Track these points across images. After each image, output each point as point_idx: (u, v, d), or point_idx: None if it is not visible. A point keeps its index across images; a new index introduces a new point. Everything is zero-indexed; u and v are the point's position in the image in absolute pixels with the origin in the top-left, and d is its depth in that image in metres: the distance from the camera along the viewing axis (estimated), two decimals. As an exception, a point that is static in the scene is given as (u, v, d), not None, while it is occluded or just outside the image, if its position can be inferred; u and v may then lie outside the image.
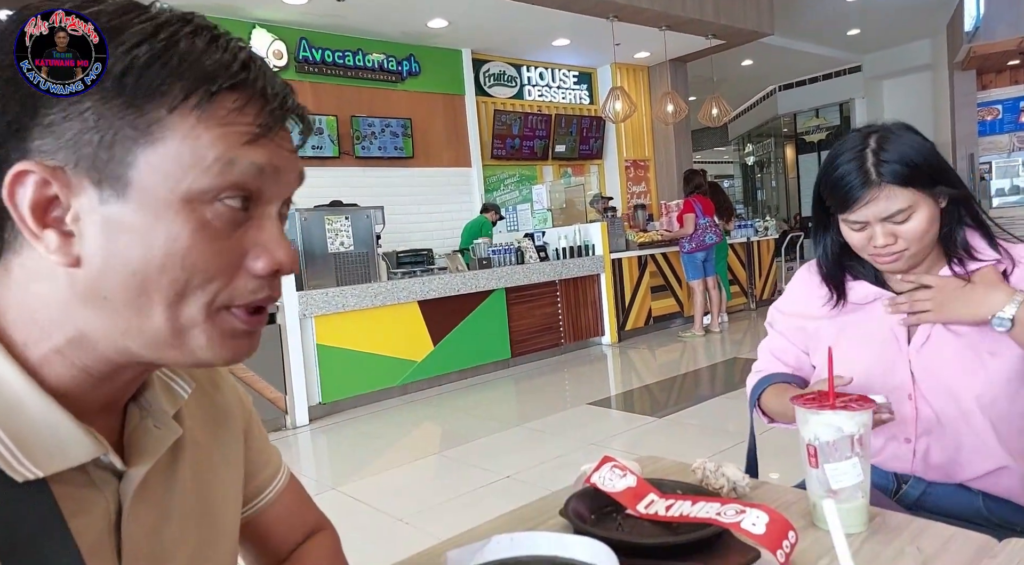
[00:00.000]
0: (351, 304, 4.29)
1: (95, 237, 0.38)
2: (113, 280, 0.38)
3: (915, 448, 1.04)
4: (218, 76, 0.38)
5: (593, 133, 7.75)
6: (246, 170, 0.39)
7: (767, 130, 13.84)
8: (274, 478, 0.66)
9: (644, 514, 0.76)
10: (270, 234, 0.41)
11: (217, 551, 0.52)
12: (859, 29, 9.24)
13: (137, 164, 0.37)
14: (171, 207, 0.38)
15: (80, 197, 0.38)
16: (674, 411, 3.78)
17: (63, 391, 0.40)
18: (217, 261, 0.39)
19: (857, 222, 0.99)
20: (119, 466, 0.43)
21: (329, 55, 5.82)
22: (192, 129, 0.38)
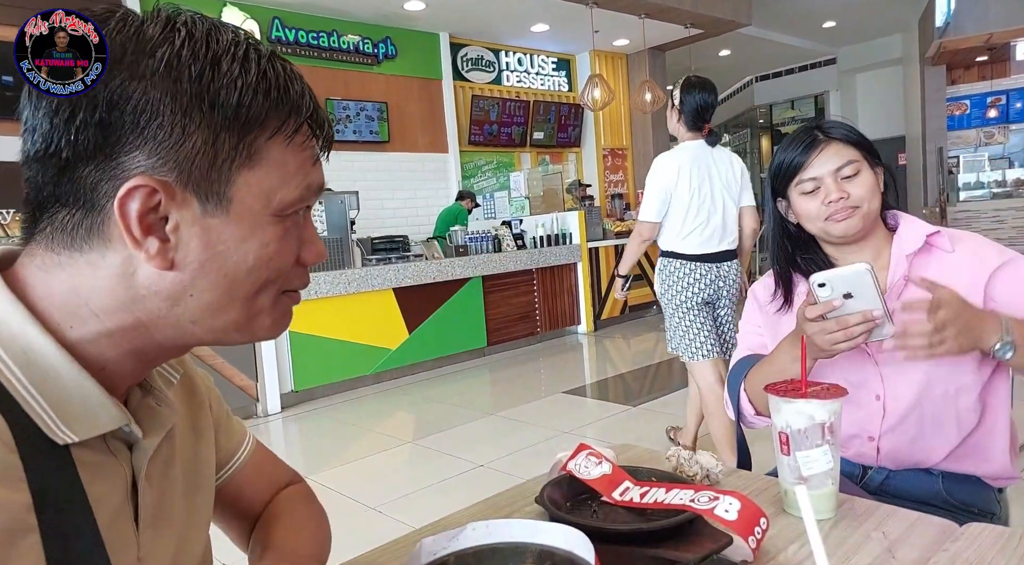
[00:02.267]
0: (324, 291, 4.24)
1: (194, 245, 0.43)
2: (203, 281, 0.44)
3: (879, 446, 1.07)
4: (301, 110, 0.45)
5: (571, 121, 7.74)
6: (315, 188, 0.48)
7: (743, 121, 13.97)
8: (241, 444, 0.70)
9: (619, 501, 0.77)
10: (311, 232, 0.50)
11: (202, 517, 0.59)
12: (834, 21, 9.35)
13: (236, 183, 0.44)
14: (264, 219, 0.45)
15: (183, 209, 0.43)
16: (648, 400, 3.82)
17: (100, 367, 0.45)
18: (289, 259, 0.47)
19: (810, 179, 1.05)
20: (139, 435, 0.47)
21: (303, 35, 5.69)
22: (282, 154, 0.45)
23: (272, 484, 0.72)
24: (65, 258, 0.43)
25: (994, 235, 1.23)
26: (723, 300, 2.49)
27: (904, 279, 1.03)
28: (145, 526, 0.48)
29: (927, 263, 1.03)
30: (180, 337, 0.46)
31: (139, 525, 0.47)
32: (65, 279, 0.43)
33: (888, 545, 0.71)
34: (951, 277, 0.99)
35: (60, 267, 0.44)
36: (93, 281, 0.43)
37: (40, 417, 0.41)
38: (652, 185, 2.42)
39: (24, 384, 0.41)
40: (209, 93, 0.41)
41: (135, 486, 0.47)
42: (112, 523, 0.44)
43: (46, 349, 0.42)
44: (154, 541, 0.49)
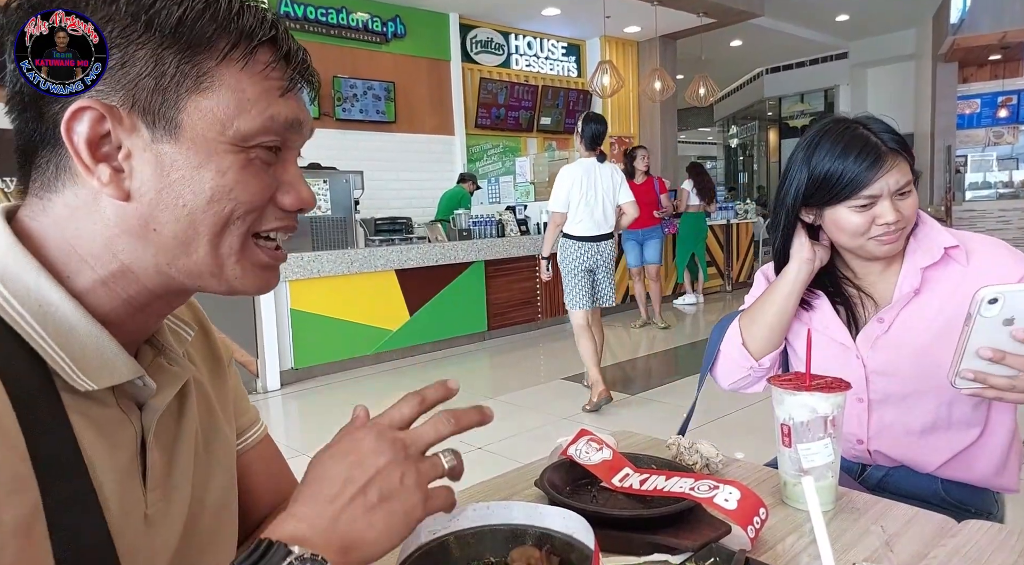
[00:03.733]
0: (327, 270, 4.23)
1: (147, 173, 0.43)
2: (164, 213, 0.43)
3: (869, 448, 1.06)
4: (256, 33, 0.44)
5: (580, 107, 7.68)
6: (281, 120, 0.45)
7: (752, 113, 13.87)
8: (254, 424, 0.67)
9: (619, 487, 0.77)
10: (294, 175, 0.48)
11: (221, 482, 0.57)
12: (848, 15, 9.24)
13: (187, 109, 0.42)
14: (220, 147, 0.43)
15: (133, 136, 0.42)
16: (647, 389, 3.83)
17: (101, 318, 0.44)
18: (257, 194, 0.45)
19: (869, 197, 0.95)
20: (153, 389, 0.47)
21: (312, 11, 5.64)
22: (237, 81, 0.43)
23: (275, 486, 0.68)
24: (47, 201, 0.44)
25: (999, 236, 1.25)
26: (600, 268, 3.49)
27: (914, 291, 0.99)
28: (154, 486, 0.48)
29: (942, 276, 0.99)
30: (166, 283, 0.46)
31: (147, 484, 0.47)
32: (50, 224, 0.44)
33: (886, 539, 0.71)
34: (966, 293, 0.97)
35: (44, 212, 0.44)
36: (74, 223, 0.43)
37: (60, 367, 0.42)
38: (558, 187, 3.40)
39: (43, 336, 0.41)
40: (147, 13, 0.41)
41: (143, 445, 0.47)
42: (120, 481, 0.44)
43: (60, 301, 0.42)
44: (163, 501, 0.49)
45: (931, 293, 0.99)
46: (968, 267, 0.98)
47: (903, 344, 1.00)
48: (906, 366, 1.00)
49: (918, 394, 1.00)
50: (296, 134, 0.47)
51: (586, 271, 3.44)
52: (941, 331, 0.96)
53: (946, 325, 0.96)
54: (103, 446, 0.44)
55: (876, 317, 1.02)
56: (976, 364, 0.80)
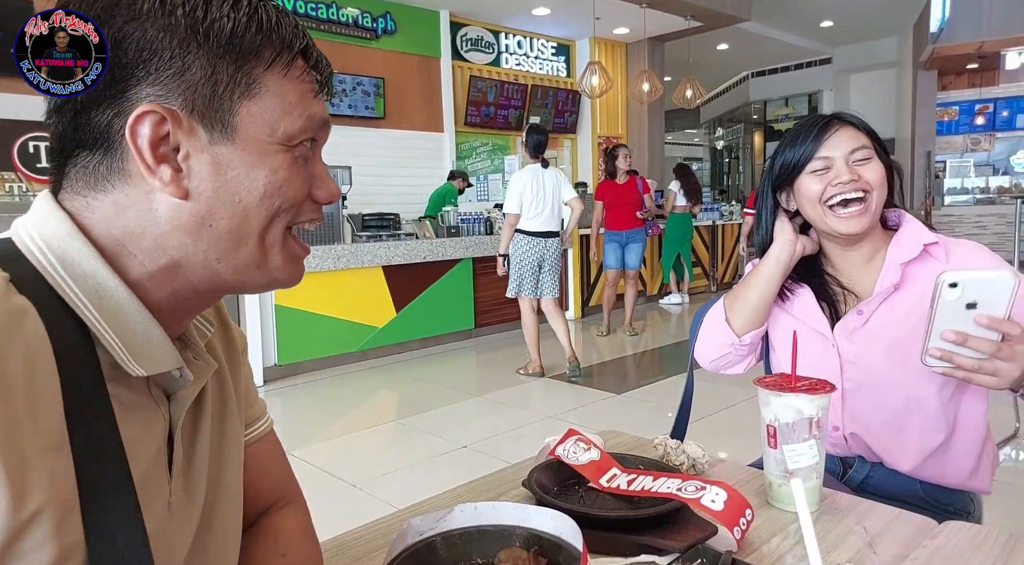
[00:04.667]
0: (313, 265, 4.20)
1: (204, 172, 0.45)
2: (220, 209, 0.46)
3: (845, 435, 1.08)
4: (294, 43, 0.48)
5: (568, 107, 7.70)
6: (317, 119, 0.50)
7: (738, 115, 13.99)
8: (261, 417, 0.68)
9: (606, 488, 0.77)
10: (322, 170, 0.52)
11: (235, 472, 0.59)
12: (832, 21, 9.35)
13: (240, 113, 0.46)
14: (271, 148, 0.47)
15: (191, 139, 0.45)
16: (633, 388, 3.85)
17: (150, 310, 0.46)
18: (300, 189, 0.49)
19: (822, 158, 1.02)
20: (190, 378, 0.50)
21: (302, 6, 5.59)
22: (280, 86, 0.47)
23: (275, 482, 0.68)
24: (91, 200, 0.46)
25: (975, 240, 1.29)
26: (546, 262, 4.00)
27: (893, 286, 1.02)
28: (176, 475, 0.50)
29: (921, 272, 1.02)
30: (211, 279, 0.48)
31: (171, 474, 0.49)
32: (97, 221, 0.46)
33: (869, 540, 0.72)
34: None
35: (88, 210, 0.46)
36: (123, 221, 0.45)
37: (116, 350, 0.44)
38: (512, 191, 3.91)
39: (99, 320, 0.43)
40: (204, 25, 0.44)
41: (170, 436, 0.49)
42: (149, 468, 0.46)
43: (115, 288, 0.44)
44: (184, 491, 0.51)
45: (910, 288, 1.02)
46: (948, 264, 1.01)
47: (878, 336, 1.03)
48: (879, 357, 1.03)
49: (889, 384, 1.02)
50: (325, 132, 0.52)
51: (535, 264, 3.95)
52: (915, 325, 0.99)
53: (920, 320, 0.99)
54: (137, 432, 0.45)
55: (855, 309, 1.05)
56: (944, 344, 0.84)
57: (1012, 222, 7.81)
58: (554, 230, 3.98)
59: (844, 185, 1.00)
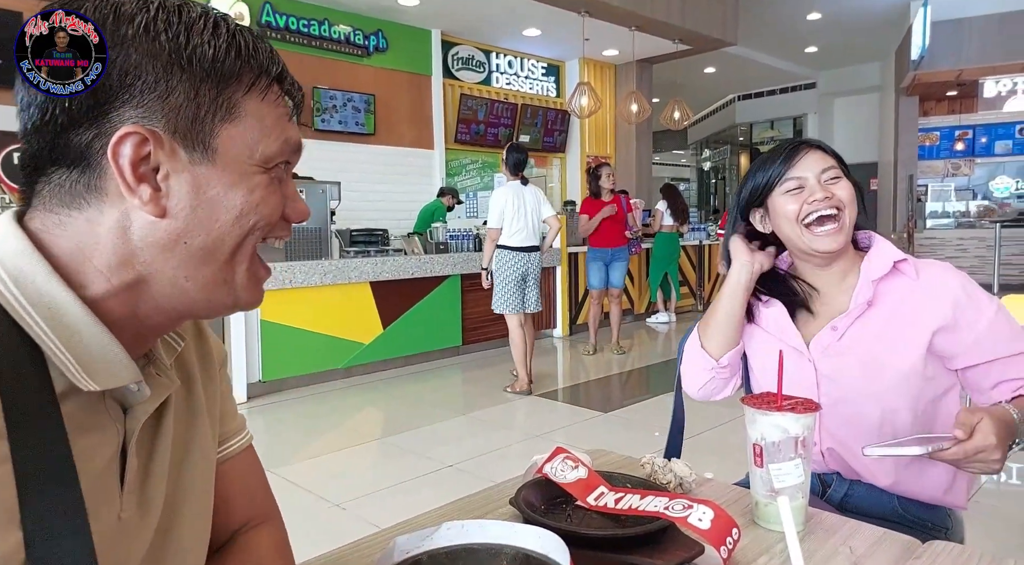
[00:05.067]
0: (299, 280, 4.18)
1: (184, 192, 0.47)
2: (196, 227, 0.47)
3: (822, 451, 1.10)
4: (271, 69, 0.50)
5: (558, 126, 7.78)
6: (292, 142, 0.52)
7: (724, 137, 14.20)
8: (239, 432, 0.67)
9: (594, 506, 0.77)
10: (293, 190, 0.54)
11: (196, 492, 0.58)
12: (816, 47, 9.57)
13: (220, 135, 0.47)
14: (249, 169, 0.49)
15: (172, 159, 0.46)
16: (620, 407, 3.85)
17: (110, 327, 0.47)
18: (276, 208, 0.51)
19: (794, 178, 1.06)
20: (147, 393, 0.50)
21: (294, 22, 5.62)
22: (258, 110, 0.49)
23: (252, 498, 0.68)
24: (64, 217, 0.46)
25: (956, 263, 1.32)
26: (529, 277, 4.10)
27: (867, 303, 1.05)
28: (129, 490, 0.49)
29: (892, 289, 1.05)
30: (177, 297, 0.49)
31: (123, 487, 0.49)
32: (68, 238, 0.46)
33: (855, 560, 0.72)
34: (913, 304, 1.03)
35: (61, 227, 0.46)
36: (94, 238, 0.46)
37: (66, 365, 0.44)
38: (494, 206, 4.02)
39: (49, 336, 0.44)
40: (186, 51, 0.45)
41: (124, 451, 0.49)
42: (97, 478, 0.46)
43: (69, 304, 0.45)
44: (137, 507, 0.50)
45: (881, 305, 1.05)
46: (918, 281, 1.04)
47: (851, 352, 1.05)
48: (853, 372, 1.05)
49: (864, 398, 1.04)
50: (298, 155, 0.54)
51: (519, 279, 4.03)
52: (888, 340, 1.03)
53: (893, 334, 1.03)
54: (88, 444, 0.46)
55: (830, 325, 1.08)
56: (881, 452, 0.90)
57: (992, 246, 7.96)
58: (536, 245, 4.12)
59: (819, 202, 1.03)
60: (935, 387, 1.04)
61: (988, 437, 0.84)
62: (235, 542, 0.65)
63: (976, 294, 1.03)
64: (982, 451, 0.84)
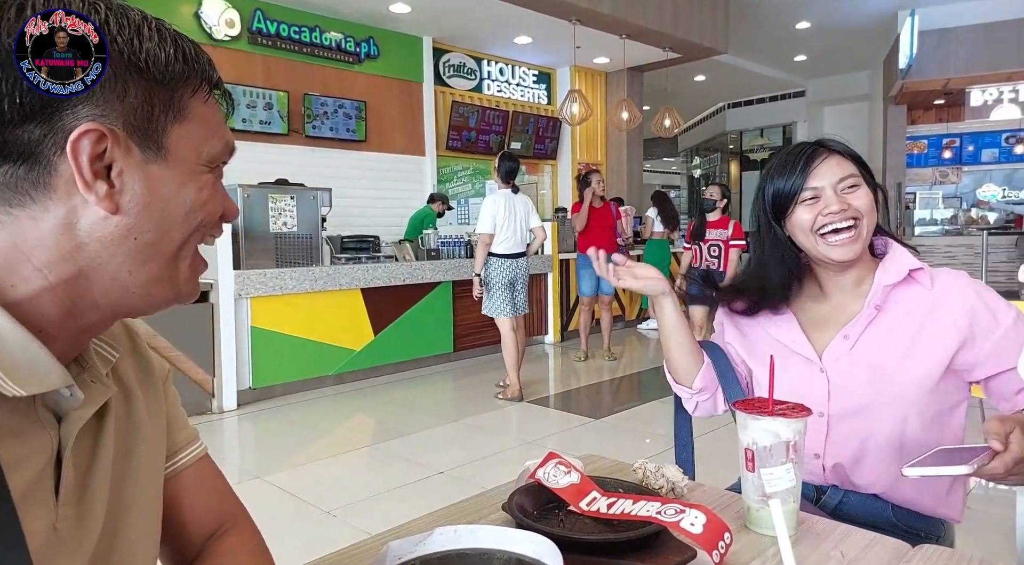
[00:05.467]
0: (290, 287, 4.16)
1: (137, 189, 0.47)
2: (147, 223, 0.48)
3: (824, 463, 1.09)
4: (212, 74, 0.52)
5: (549, 133, 7.80)
6: (230, 145, 0.54)
7: (714, 145, 14.29)
8: (192, 443, 0.67)
9: (586, 511, 0.77)
10: (225, 191, 0.55)
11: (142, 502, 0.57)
12: (805, 56, 9.67)
13: (171, 135, 0.49)
14: (197, 168, 0.51)
15: (127, 157, 0.47)
16: (611, 413, 3.85)
17: (38, 329, 0.46)
18: (219, 205, 0.53)
19: (811, 188, 1.03)
20: (80, 398, 0.49)
21: (285, 29, 5.62)
22: (202, 111, 0.51)
23: (216, 506, 0.67)
24: (3, 215, 0.45)
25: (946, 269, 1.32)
26: (518, 282, 4.19)
27: (875, 308, 1.04)
28: (66, 501, 0.48)
29: (905, 297, 1.04)
30: (116, 294, 0.49)
31: (59, 497, 0.48)
32: (6, 237, 0.45)
33: (846, 564, 0.73)
34: (927, 315, 1.02)
35: (1, 226, 0.45)
36: (36, 235, 0.45)
37: None
38: (486, 213, 4.09)
39: None
40: (140, 54, 0.47)
41: (59, 460, 0.48)
42: (29, 488, 0.45)
43: None
44: (74, 519, 0.49)
45: (894, 312, 1.04)
46: (933, 290, 1.03)
47: (864, 361, 1.04)
48: (864, 381, 1.04)
49: (874, 407, 1.03)
50: (231, 155, 0.55)
51: (508, 284, 4.12)
52: (900, 350, 1.01)
53: (905, 344, 1.01)
54: (18, 454, 0.45)
55: (842, 334, 1.06)
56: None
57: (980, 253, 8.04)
58: (523, 251, 4.23)
59: (834, 215, 1.02)
60: (946, 401, 1.03)
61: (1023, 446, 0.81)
62: (207, 551, 0.64)
63: (993, 302, 1.01)
64: (1020, 462, 0.81)
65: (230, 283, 3.90)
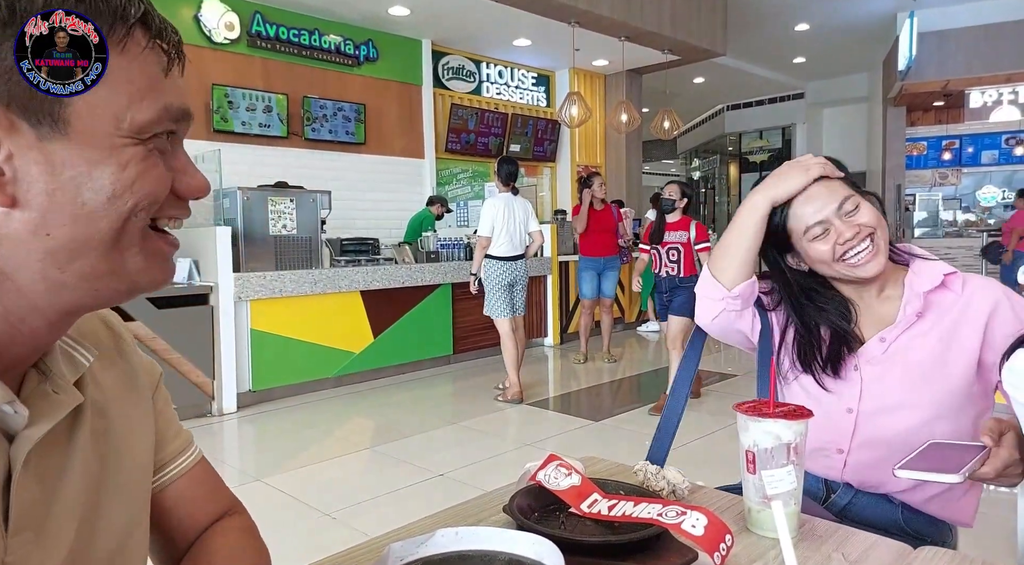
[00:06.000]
0: (290, 290, 4.16)
1: (34, 174, 0.39)
2: (59, 216, 0.40)
3: (847, 459, 1.09)
4: (129, 14, 0.41)
5: (548, 135, 7.81)
6: (175, 109, 0.43)
7: (713, 147, 14.31)
8: (185, 450, 0.64)
9: (587, 513, 0.76)
10: (186, 163, 0.46)
11: (120, 519, 0.52)
12: (804, 57, 9.68)
13: (74, 103, 0.39)
14: (117, 141, 0.41)
15: (13, 136, 0.38)
16: (611, 415, 3.85)
17: None
18: (158, 185, 0.43)
19: (818, 224, 1.04)
20: (23, 419, 0.42)
21: (284, 32, 5.63)
22: (123, 69, 0.40)
23: (211, 507, 0.65)
24: None
25: None
26: (517, 283, 4.23)
27: (916, 315, 1.05)
28: (20, 528, 0.42)
29: (937, 302, 1.06)
30: (53, 294, 0.42)
31: (8, 526, 0.42)
32: None
33: (847, 565, 0.73)
34: (958, 319, 1.03)
35: None
36: None
37: None
38: (486, 216, 4.15)
39: None
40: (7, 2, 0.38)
41: (9, 482, 0.42)
42: None
43: None
44: (34, 544, 0.43)
45: (927, 316, 1.06)
46: (962, 295, 1.05)
47: (897, 361, 1.05)
48: (896, 382, 1.05)
49: (906, 408, 1.04)
50: (184, 123, 0.45)
51: (507, 285, 4.16)
52: (935, 352, 1.03)
53: (940, 349, 1.03)
54: None
55: (878, 336, 1.07)
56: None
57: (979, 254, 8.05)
58: (521, 253, 4.29)
59: (851, 241, 1.02)
60: (973, 407, 1.04)
61: (1013, 451, 0.84)
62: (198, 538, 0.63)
63: (1019, 303, 1.03)
64: (1009, 466, 0.83)
65: (230, 286, 3.90)
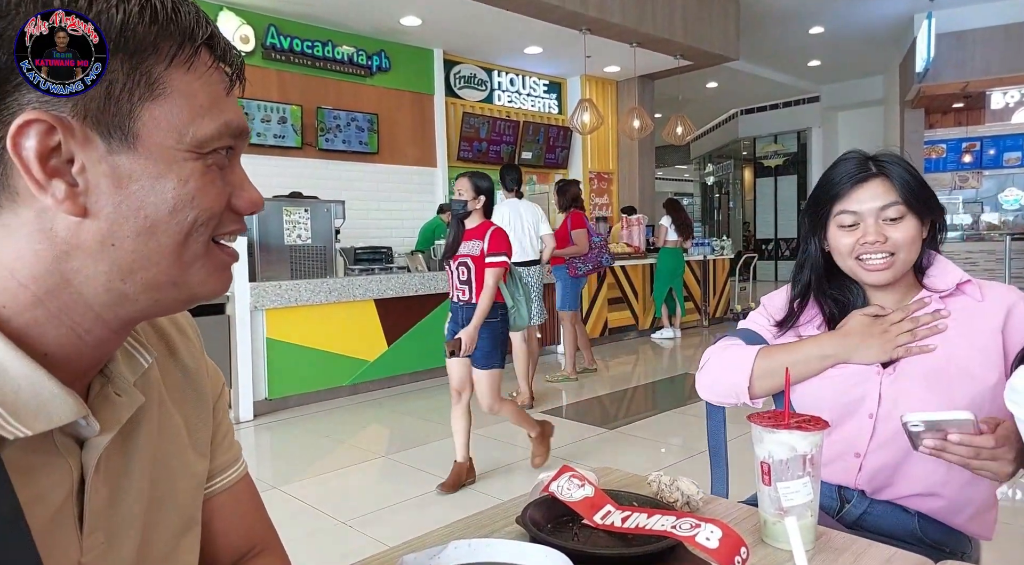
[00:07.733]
0: (305, 298, 4.19)
1: (104, 186, 0.40)
2: (124, 227, 0.41)
3: (863, 463, 1.08)
4: (196, 34, 0.43)
5: (560, 142, 7.82)
6: (234, 126, 0.45)
7: (727, 152, 14.23)
8: (233, 464, 0.63)
9: (601, 525, 0.76)
10: (243, 177, 0.47)
11: (173, 521, 0.53)
12: (819, 61, 9.61)
13: (142, 117, 0.41)
14: (179, 155, 0.42)
15: (86, 149, 0.40)
16: (624, 423, 3.82)
17: (42, 353, 0.41)
18: (217, 200, 0.44)
19: (850, 212, 1.04)
20: (95, 430, 0.44)
21: (298, 44, 5.70)
22: (187, 86, 0.42)
23: (249, 529, 0.64)
24: None
25: None
26: (532, 289, 4.10)
27: (933, 314, 1.04)
28: (93, 529, 0.44)
29: (956, 307, 1.05)
30: (117, 304, 0.43)
31: (84, 528, 0.44)
32: None
33: (865, 579, 0.71)
34: (978, 324, 1.02)
35: None
36: (13, 245, 0.40)
37: None
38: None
39: None
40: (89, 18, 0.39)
41: (82, 485, 0.44)
42: (49, 524, 0.41)
43: None
44: (106, 545, 0.45)
45: (947, 321, 1.05)
46: (983, 302, 1.04)
47: (916, 364, 1.05)
48: (916, 385, 1.04)
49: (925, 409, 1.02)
50: (242, 140, 0.47)
51: None
52: (955, 359, 1.02)
53: (959, 353, 1.02)
54: (36, 492, 0.41)
55: None
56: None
57: (1002, 259, 7.91)
58: (534, 259, 4.27)
59: (870, 246, 1.03)
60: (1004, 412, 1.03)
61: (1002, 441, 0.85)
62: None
63: None
64: (1003, 445, 0.85)
65: (246, 295, 3.94)
